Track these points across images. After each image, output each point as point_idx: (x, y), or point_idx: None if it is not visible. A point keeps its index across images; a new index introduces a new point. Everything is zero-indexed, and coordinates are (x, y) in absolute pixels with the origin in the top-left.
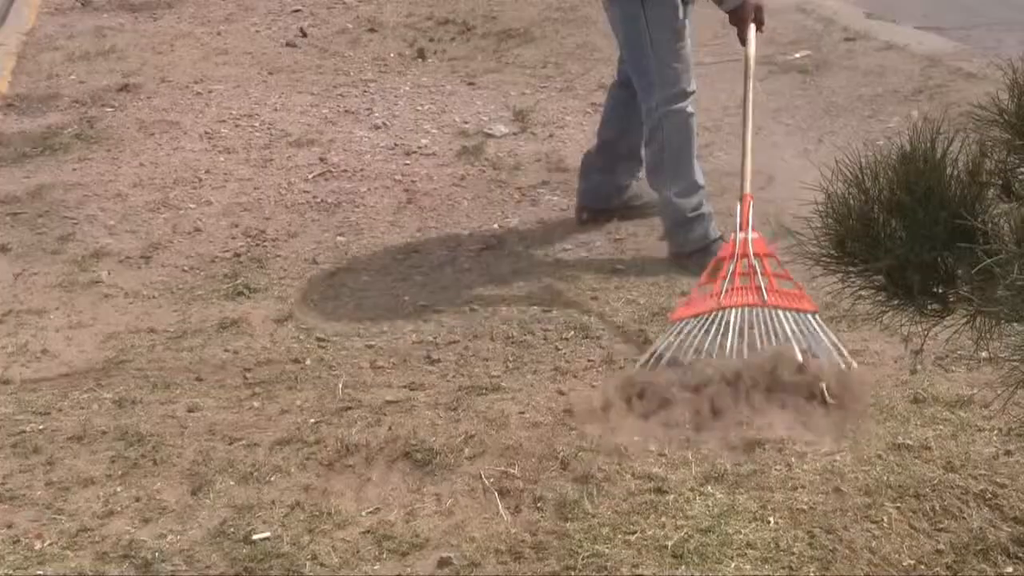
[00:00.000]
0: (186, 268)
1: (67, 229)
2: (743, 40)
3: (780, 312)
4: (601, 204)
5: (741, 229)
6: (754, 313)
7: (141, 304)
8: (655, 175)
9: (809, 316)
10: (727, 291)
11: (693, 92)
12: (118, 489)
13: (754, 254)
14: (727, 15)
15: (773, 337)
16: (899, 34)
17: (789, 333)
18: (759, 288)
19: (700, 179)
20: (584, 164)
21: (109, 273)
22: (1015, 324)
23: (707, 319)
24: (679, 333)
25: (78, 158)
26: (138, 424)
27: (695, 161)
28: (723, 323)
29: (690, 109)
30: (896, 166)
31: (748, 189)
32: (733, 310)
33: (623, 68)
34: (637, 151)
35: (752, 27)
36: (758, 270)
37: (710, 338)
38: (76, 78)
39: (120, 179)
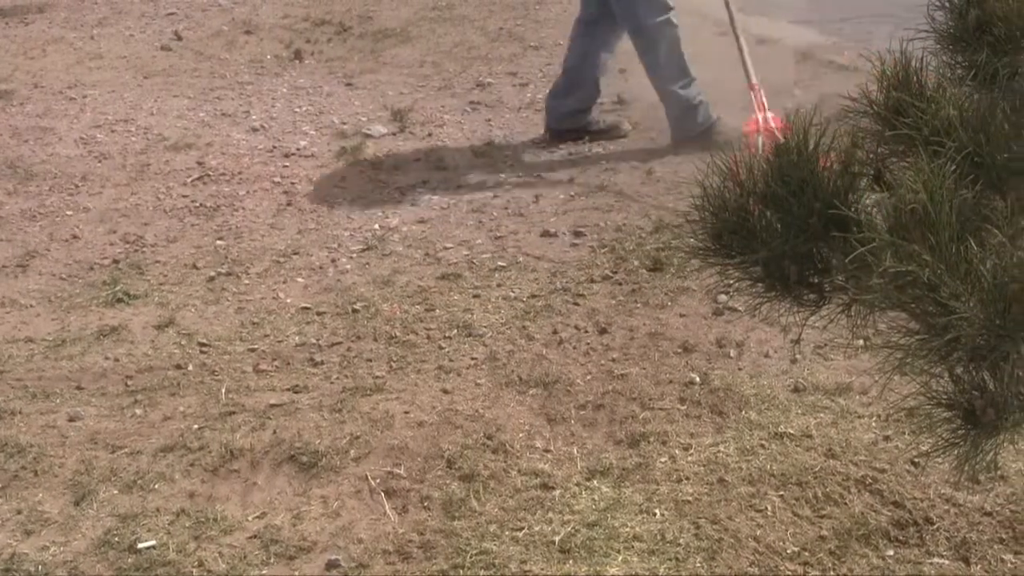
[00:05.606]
0: (64, 276)
1: None
2: None
3: None
4: (559, 125)
5: (759, 110)
6: None
7: (18, 313)
8: (659, 76)
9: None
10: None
11: (673, 7)
12: None
13: (775, 129)
14: None
15: None
16: (772, 28)
17: None
18: None
19: (692, 72)
20: (549, 92)
21: None
22: (888, 312)
23: None
24: None
25: None
26: (18, 435)
27: (685, 58)
28: None
29: (674, 19)
30: (770, 158)
31: (754, 80)
32: None
33: (587, 6)
34: (595, 80)
35: None
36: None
37: None
38: None
39: None
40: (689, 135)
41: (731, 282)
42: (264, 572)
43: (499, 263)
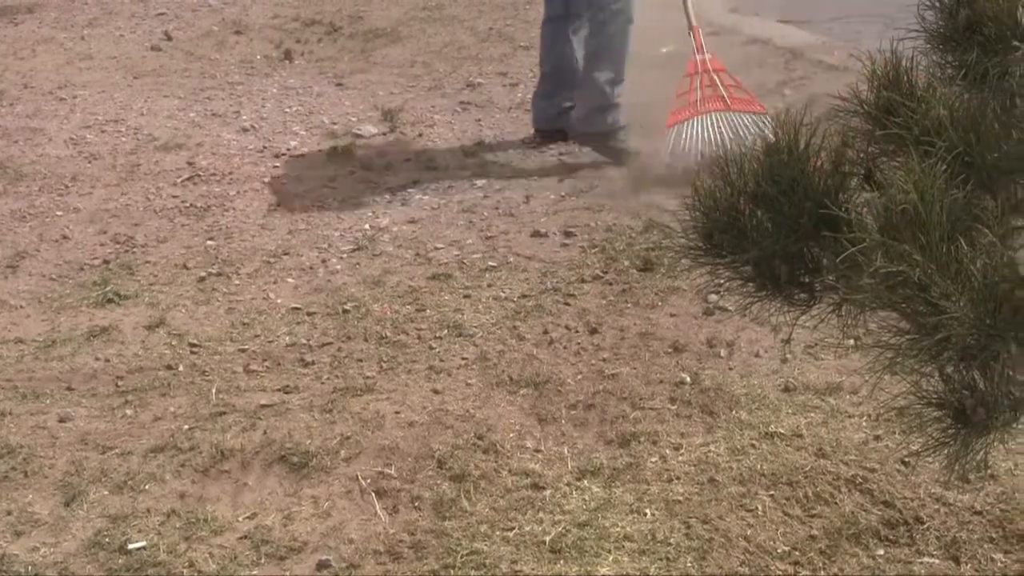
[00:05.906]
0: (54, 276)
1: None
2: None
3: (741, 115)
4: (548, 126)
5: (698, 52)
6: (722, 116)
7: (8, 314)
8: (594, 63)
9: (763, 116)
10: (700, 100)
11: None
12: None
13: (712, 70)
14: None
15: (741, 132)
16: (762, 28)
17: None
18: (723, 97)
19: (624, 74)
20: (534, 94)
21: None
22: (879, 311)
23: (691, 124)
24: (676, 136)
25: None
26: (7, 436)
27: (626, 58)
28: (704, 125)
29: (630, 12)
30: (761, 158)
31: (695, 22)
32: (710, 114)
33: (552, 5)
34: (575, 74)
35: None
36: (718, 82)
37: (697, 136)
38: None
39: None
40: (590, 130)
41: (721, 282)
42: (255, 572)
43: (490, 263)
